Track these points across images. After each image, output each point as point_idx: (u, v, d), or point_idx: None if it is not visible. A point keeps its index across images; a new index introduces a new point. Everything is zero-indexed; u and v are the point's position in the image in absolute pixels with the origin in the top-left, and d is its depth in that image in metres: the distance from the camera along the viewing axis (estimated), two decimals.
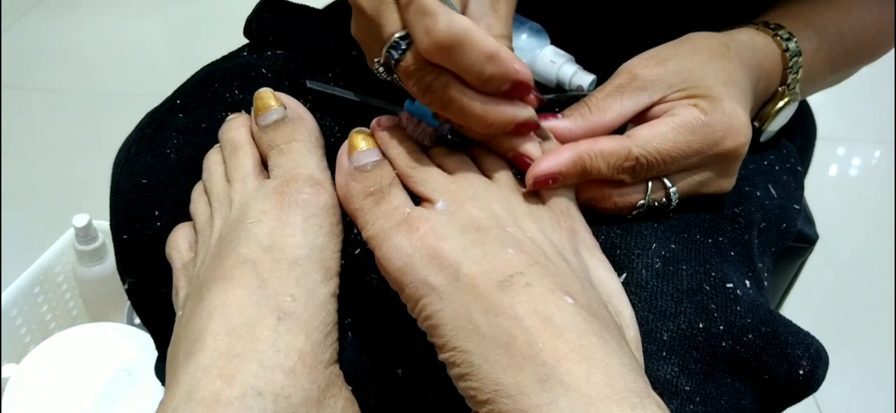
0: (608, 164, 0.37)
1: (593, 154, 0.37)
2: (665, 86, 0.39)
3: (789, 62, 0.44)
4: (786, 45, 0.44)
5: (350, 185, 0.36)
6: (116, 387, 0.83)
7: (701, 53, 0.40)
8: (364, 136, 0.38)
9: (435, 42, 0.32)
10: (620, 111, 0.39)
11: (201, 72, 0.52)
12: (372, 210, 0.35)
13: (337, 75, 0.51)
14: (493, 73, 0.33)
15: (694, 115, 0.38)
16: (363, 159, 0.37)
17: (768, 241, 0.44)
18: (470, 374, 0.31)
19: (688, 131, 0.37)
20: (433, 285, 0.32)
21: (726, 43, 0.42)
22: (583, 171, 0.37)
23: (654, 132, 0.37)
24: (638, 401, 0.28)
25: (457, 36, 0.32)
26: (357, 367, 0.38)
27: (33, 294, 0.97)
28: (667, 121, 0.38)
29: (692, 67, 0.39)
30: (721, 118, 0.38)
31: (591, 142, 0.37)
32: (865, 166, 1.51)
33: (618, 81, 0.39)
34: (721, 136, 0.38)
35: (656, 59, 0.40)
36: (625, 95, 0.39)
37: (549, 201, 0.37)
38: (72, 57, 1.83)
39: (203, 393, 0.31)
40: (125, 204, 0.45)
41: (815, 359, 0.37)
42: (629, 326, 0.35)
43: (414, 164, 0.37)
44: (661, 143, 0.37)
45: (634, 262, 0.38)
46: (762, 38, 0.45)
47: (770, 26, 0.45)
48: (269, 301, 0.34)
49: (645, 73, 0.39)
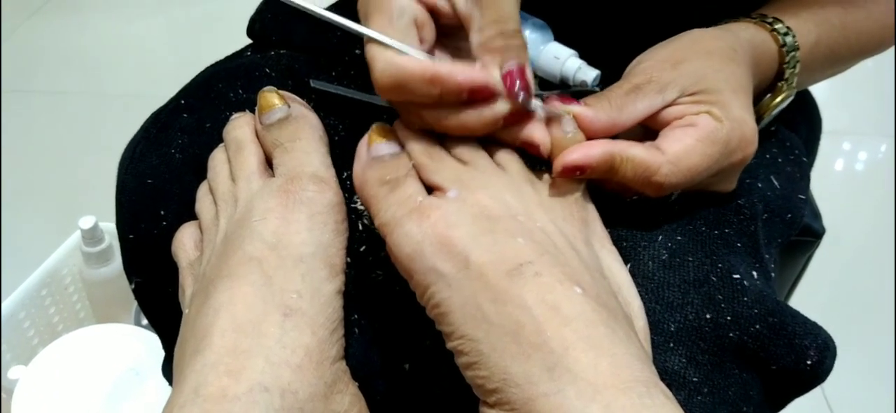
0: (636, 173, 0.37)
1: (624, 158, 0.36)
2: (679, 88, 0.39)
3: (786, 57, 0.44)
4: (783, 40, 0.44)
5: (366, 173, 0.36)
6: (124, 387, 0.83)
7: (713, 57, 0.40)
8: (386, 130, 0.38)
9: (381, 86, 0.35)
10: (634, 113, 0.38)
11: (205, 72, 0.52)
12: (386, 198, 0.35)
13: (340, 74, 0.51)
14: (441, 93, 0.34)
15: (712, 125, 0.37)
16: (382, 150, 0.37)
17: (773, 231, 0.44)
18: (478, 363, 0.31)
19: (711, 143, 0.37)
20: (442, 273, 0.32)
21: (734, 46, 0.41)
22: (611, 169, 0.36)
23: (683, 147, 0.37)
24: (645, 390, 0.28)
25: (393, 76, 0.35)
26: (364, 362, 0.38)
27: (41, 296, 0.97)
28: (690, 133, 0.37)
29: (705, 72, 0.39)
30: (735, 130, 0.38)
31: (627, 144, 0.37)
32: (871, 160, 1.51)
33: (635, 82, 0.39)
34: (735, 147, 0.38)
35: (671, 60, 0.40)
36: (640, 97, 0.38)
37: (563, 192, 0.37)
38: (76, 59, 1.84)
39: (210, 389, 0.32)
40: (131, 204, 0.45)
41: (823, 349, 0.37)
42: (638, 317, 0.35)
43: (429, 154, 0.37)
44: (692, 158, 0.37)
45: (641, 254, 0.38)
46: (761, 35, 0.44)
47: (768, 20, 0.45)
48: (274, 298, 0.35)
49: (661, 76, 0.39)
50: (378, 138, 0.37)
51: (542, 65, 0.50)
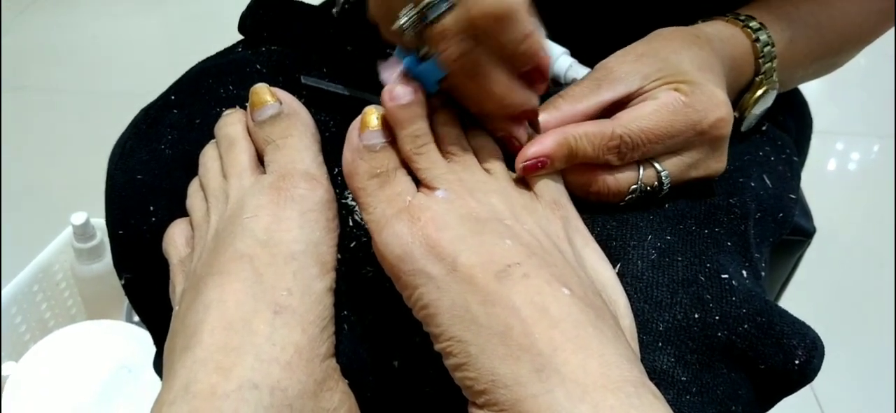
0: (593, 144, 0.38)
1: (577, 135, 0.37)
2: (641, 76, 0.39)
3: (760, 52, 0.45)
4: (756, 36, 0.45)
5: (356, 163, 0.36)
6: (115, 384, 0.83)
7: (673, 42, 0.41)
8: (378, 114, 0.37)
9: (487, 9, 0.32)
10: (597, 101, 0.39)
11: (195, 68, 0.52)
12: (375, 193, 0.35)
13: (332, 71, 0.51)
14: (524, 51, 0.34)
15: (674, 96, 0.38)
16: (373, 139, 0.36)
17: (765, 231, 0.44)
18: (466, 364, 0.31)
19: (669, 112, 0.38)
20: (431, 275, 0.32)
21: (696, 33, 0.43)
22: (570, 152, 0.37)
23: (636, 114, 0.38)
24: (633, 390, 0.28)
25: (507, 7, 0.33)
26: (354, 360, 0.38)
27: (32, 292, 0.97)
28: (648, 103, 0.38)
29: (667, 56, 0.40)
30: (701, 98, 0.38)
31: (575, 125, 0.38)
32: (864, 160, 1.51)
33: (594, 75, 0.40)
34: (703, 114, 0.38)
35: (633, 53, 0.41)
36: (601, 88, 0.40)
37: (542, 192, 0.38)
38: (68, 56, 1.83)
39: (200, 386, 0.31)
40: (121, 200, 0.45)
41: (811, 348, 0.37)
42: (624, 316, 0.35)
43: (420, 149, 0.36)
44: (644, 122, 0.38)
45: (630, 253, 0.38)
46: (730, 29, 0.45)
47: (740, 18, 0.46)
48: (265, 295, 0.34)
49: (620, 67, 0.40)
50: (370, 123, 0.36)
51: None
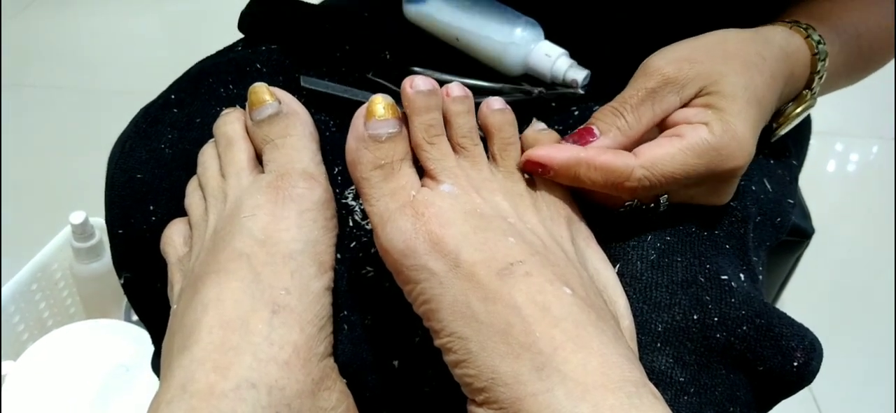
0: (607, 180, 0.36)
1: (593, 166, 0.36)
2: (694, 88, 0.38)
3: (817, 65, 0.43)
4: (817, 48, 0.43)
5: (361, 152, 0.35)
6: (114, 383, 0.83)
7: (734, 60, 0.38)
8: (385, 104, 0.35)
9: None
10: (652, 118, 0.38)
11: (195, 67, 0.52)
12: (379, 185, 0.35)
13: (331, 71, 0.51)
14: None
15: (702, 137, 0.36)
16: (379, 129, 0.35)
17: (763, 235, 0.44)
18: (466, 361, 0.31)
19: (695, 155, 0.36)
20: (433, 270, 0.32)
21: (762, 53, 0.40)
22: (575, 178, 0.36)
23: (660, 154, 0.36)
24: (634, 390, 0.28)
25: None
26: (353, 359, 0.38)
27: (31, 291, 0.97)
28: (675, 142, 0.36)
29: (724, 73, 0.38)
30: (727, 141, 0.36)
31: (597, 152, 0.36)
32: (863, 162, 1.51)
33: (649, 85, 0.38)
34: (725, 159, 0.36)
35: (689, 59, 0.38)
36: (656, 100, 0.38)
37: (548, 191, 0.38)
38: (68, 54, 1.83)
39: (198, 385, 0.31)
40: (120, 199, 0.45)
41: (810, 350, 0.37)
42: (624, 316, 0.35)
43: (432, 139, 0.36)
44: (668, 166, 0.36)
45: (629, 254, 0.38)
46: (797, 41, 0.42)
47: (802, 26, 0.43)
48: (263, 294, 0.34)
49: (679, 76, 0.38)
50: (376, 111, 0.35)
51: (533, 63, 0.50)
